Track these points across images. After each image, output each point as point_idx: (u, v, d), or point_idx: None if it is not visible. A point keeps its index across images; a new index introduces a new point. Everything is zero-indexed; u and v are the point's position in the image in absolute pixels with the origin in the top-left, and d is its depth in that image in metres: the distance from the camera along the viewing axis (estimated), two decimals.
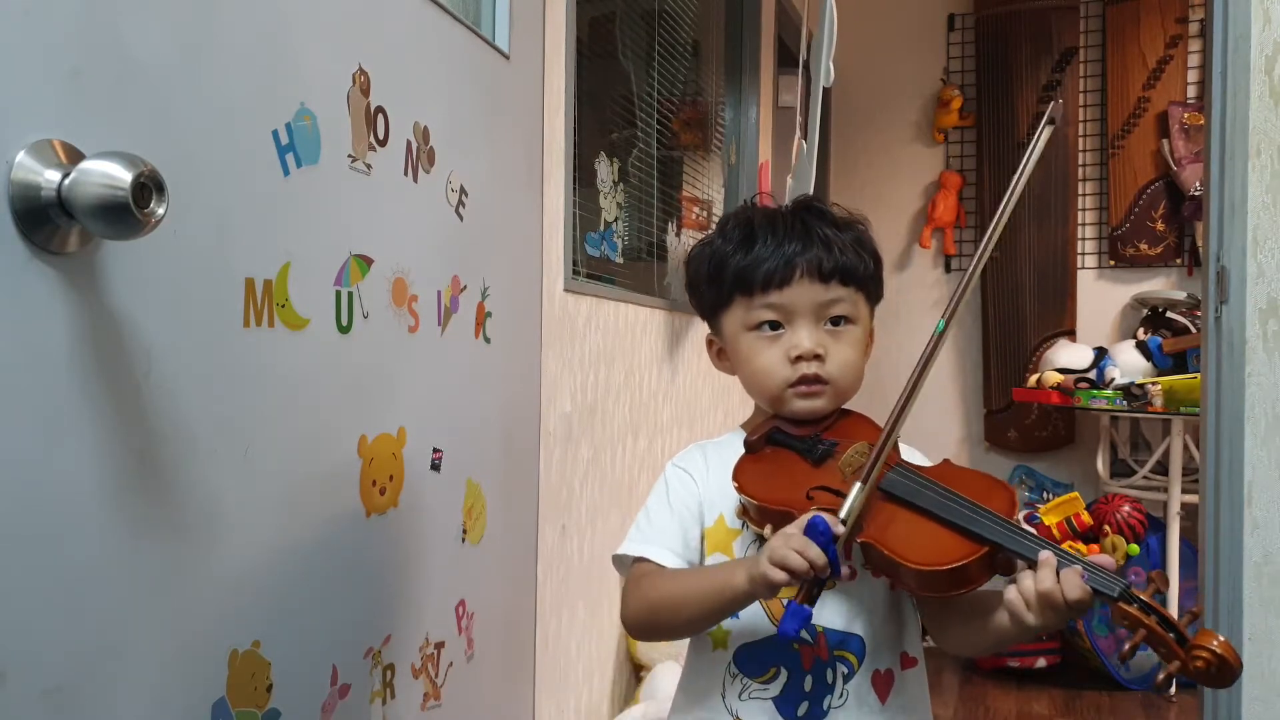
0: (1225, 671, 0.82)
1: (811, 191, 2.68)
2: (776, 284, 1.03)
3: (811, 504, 0.96)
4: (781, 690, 1.00)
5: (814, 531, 0.86)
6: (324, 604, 1.21)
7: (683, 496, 1.07)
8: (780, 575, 0.86)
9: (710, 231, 1.13)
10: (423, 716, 1.44)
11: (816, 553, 0.85)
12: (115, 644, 0.90)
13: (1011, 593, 0.89)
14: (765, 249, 1.04)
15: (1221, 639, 0.82)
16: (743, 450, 1.06)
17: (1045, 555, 0.87)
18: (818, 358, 1.03)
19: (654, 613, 1.02)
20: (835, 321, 1.05)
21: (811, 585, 0.87)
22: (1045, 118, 1.00)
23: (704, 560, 1.06)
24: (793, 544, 0.86)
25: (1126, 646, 0.85)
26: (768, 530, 0.98)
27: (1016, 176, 0.99)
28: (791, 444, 1.04)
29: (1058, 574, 0.86)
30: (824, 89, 2.66)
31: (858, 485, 0.91)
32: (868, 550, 0.94)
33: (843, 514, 0.89)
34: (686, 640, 1.09)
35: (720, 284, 1.07)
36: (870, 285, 1.08)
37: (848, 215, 1.10)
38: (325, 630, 1.21)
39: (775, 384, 1.05)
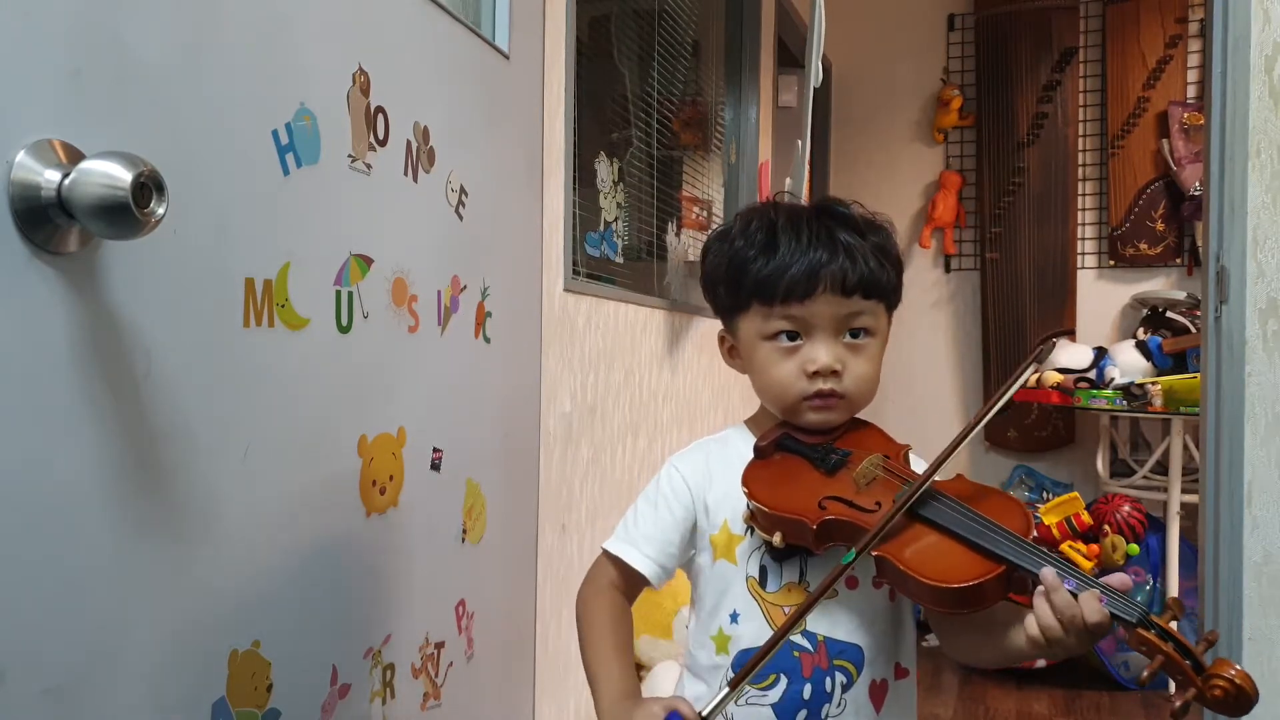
0: (1243, 701, 0.81)
1: (802, 192, 2.69)
2: (798, 296, 1.00)
3: (824, 513, 0.95)
4: (780, 698, 1.00)
5: None
6: (324, 604, 1.21)
7: (670, 501, 1.06)
8: None
9: (726, 224, 1.10)
10: (423, 716, 1.44)
11: None
12: (115, 644, 0.90)
13: (1031, 615, 0.88)
14: (788, 257, 1.00)
15: (1238, 668, 0.81)
16: (750, 454, 1.05)
17: (1049, 573, 0.87)
18: (834, 373, 1.01)
19: (580, 640, 1.07)
20: (854, 334, 1.02)
21: None
22: (1048, 347, 1.00)
23: (705, 569, 1.05)
24: None
25: (1145, 673, 0.85)
26: (777, 537, 0.97)
27: (999, 393, 0.99)
28: (803, 451, 1.04)
29: (1075, 596, 0.86)
30: (815, 90, 2.66)
31: (725, 691, 0.92)
32: (882, 564, 0.93)
33: (704, 711, 0.91)
34: (686, 641, 1.10)
35: (739, 289, 1.04)
36: (891, 295, 1.05)
37: (870, 217, 1.06)
38: (325, 630, 1.21)
39: (790, 396, 1.03)
